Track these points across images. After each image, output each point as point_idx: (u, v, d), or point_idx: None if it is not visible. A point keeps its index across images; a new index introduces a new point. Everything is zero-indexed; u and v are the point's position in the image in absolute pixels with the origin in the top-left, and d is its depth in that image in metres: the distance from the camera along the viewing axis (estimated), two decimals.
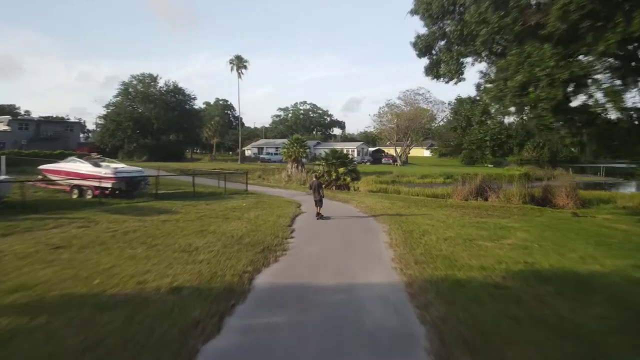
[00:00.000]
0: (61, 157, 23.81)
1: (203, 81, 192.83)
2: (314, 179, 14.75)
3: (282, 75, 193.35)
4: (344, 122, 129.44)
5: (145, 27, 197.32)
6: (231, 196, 19.44)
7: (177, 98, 64.10)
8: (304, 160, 48.08)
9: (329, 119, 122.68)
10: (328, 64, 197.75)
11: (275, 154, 64.28)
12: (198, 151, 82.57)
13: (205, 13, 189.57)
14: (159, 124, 57.73)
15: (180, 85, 65.88)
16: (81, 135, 79.34)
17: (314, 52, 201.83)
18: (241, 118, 79.23)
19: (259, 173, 37.25)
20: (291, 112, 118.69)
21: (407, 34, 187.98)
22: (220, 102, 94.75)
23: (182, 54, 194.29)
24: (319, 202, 13.85)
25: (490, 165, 71.30)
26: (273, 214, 13.93)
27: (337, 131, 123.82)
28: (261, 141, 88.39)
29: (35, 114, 71.78)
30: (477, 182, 25.27)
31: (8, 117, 56.96)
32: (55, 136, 56.29)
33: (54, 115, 76.09)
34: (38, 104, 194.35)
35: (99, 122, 60.93)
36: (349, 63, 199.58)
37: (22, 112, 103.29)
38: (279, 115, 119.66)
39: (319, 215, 13.65)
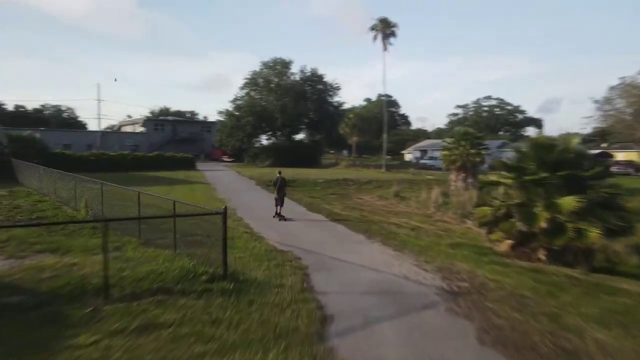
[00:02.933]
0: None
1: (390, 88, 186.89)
2: (278, 175, 13.82)
3: (463, 79, 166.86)
4: (541, 121, 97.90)
5: (328, 34, 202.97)
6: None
7: (315, 88, 50.69)
8: (484, 166, 29.86)
9: (520, 116, 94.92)
10: (515, 61, 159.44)
11: (441, 158, 47.50)
12: (349, 154, 71.37)
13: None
14: (283, 119, 45.08)
15: (321, 72, 51.93)
16: None
17: (498, 50, 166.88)
18: (390, 111, 63.63)
19: (397, 189, 22.28)
20: (472, 109, 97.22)
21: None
22: (382, 98, 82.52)
23: (365, 61, 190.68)
24: (279, 201, 13.40)
25: None
26: None
27: (531, 132, 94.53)
28: (425, 142, 71.54)
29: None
30: None
31: (143, 117, 58.04)
32: (191, 137, 54.34)
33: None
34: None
35: (220, 118, 51.56)
36: (540, 59, 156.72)
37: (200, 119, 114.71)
38: (456, 114, 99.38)
39: (280, 217, 13.20)
